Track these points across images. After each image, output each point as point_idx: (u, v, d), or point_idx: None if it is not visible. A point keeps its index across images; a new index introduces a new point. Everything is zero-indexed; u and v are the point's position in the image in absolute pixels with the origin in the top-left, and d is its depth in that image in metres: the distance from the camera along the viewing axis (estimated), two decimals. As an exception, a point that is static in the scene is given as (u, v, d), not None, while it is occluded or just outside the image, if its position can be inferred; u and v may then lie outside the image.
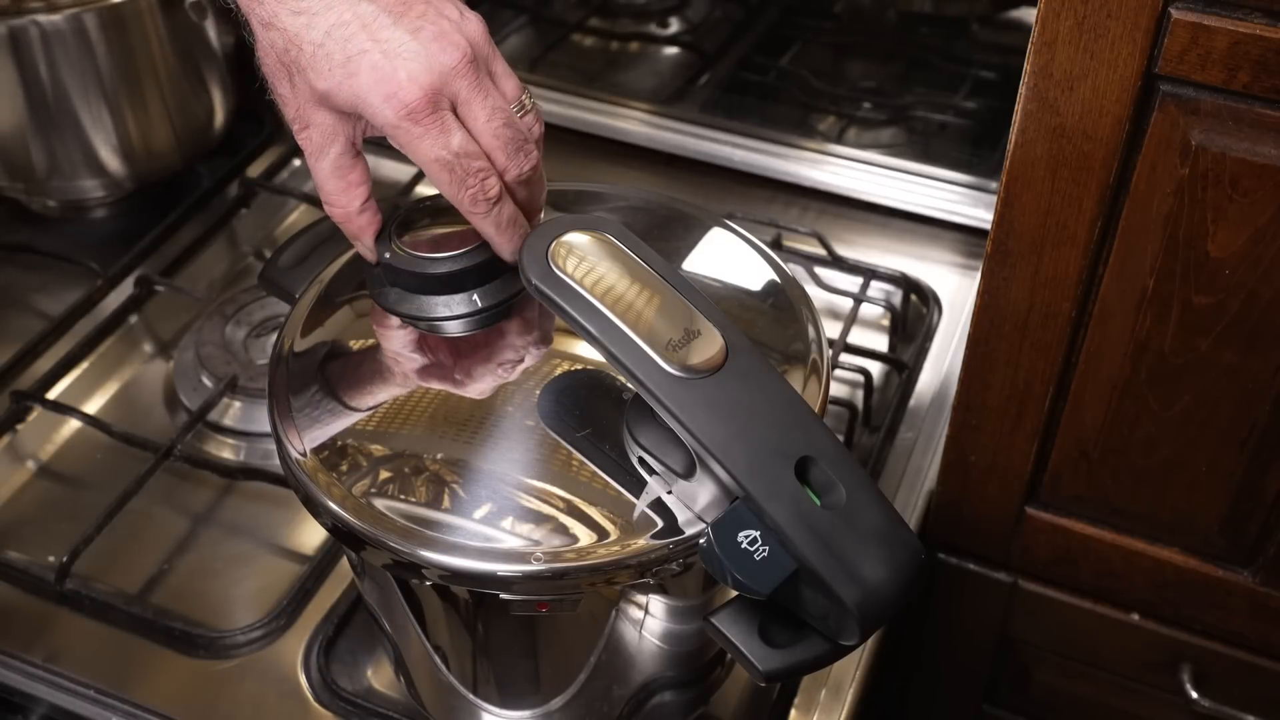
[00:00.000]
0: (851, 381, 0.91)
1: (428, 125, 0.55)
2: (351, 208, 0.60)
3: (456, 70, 0.56)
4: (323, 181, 0.60)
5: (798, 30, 1.27)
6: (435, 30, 0.56)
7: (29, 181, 1.02)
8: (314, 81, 0.56)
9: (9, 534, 0.83)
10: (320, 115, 0.58)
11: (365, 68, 0.55)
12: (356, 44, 0.55)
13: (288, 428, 0.58)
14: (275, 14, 0.56)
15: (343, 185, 0.60)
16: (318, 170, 0.60)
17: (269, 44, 0.57)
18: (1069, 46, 0.59)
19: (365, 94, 0.55)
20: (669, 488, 0.54)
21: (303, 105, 0.58)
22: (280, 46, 0.57)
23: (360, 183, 0.60)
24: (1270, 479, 0.72)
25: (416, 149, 0.56)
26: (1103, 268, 0.67)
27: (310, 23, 0.56)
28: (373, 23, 0.56)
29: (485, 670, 0.64)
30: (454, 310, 0.60)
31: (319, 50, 0.56)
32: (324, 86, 0.56)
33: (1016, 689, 0.97)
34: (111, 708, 0.73)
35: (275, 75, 0.58)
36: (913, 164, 1.07)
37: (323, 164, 0.59)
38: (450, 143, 0.56)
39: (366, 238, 0.61)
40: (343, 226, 0.61)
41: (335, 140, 0.58)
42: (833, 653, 0.51)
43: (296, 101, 0.58)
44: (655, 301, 0.54)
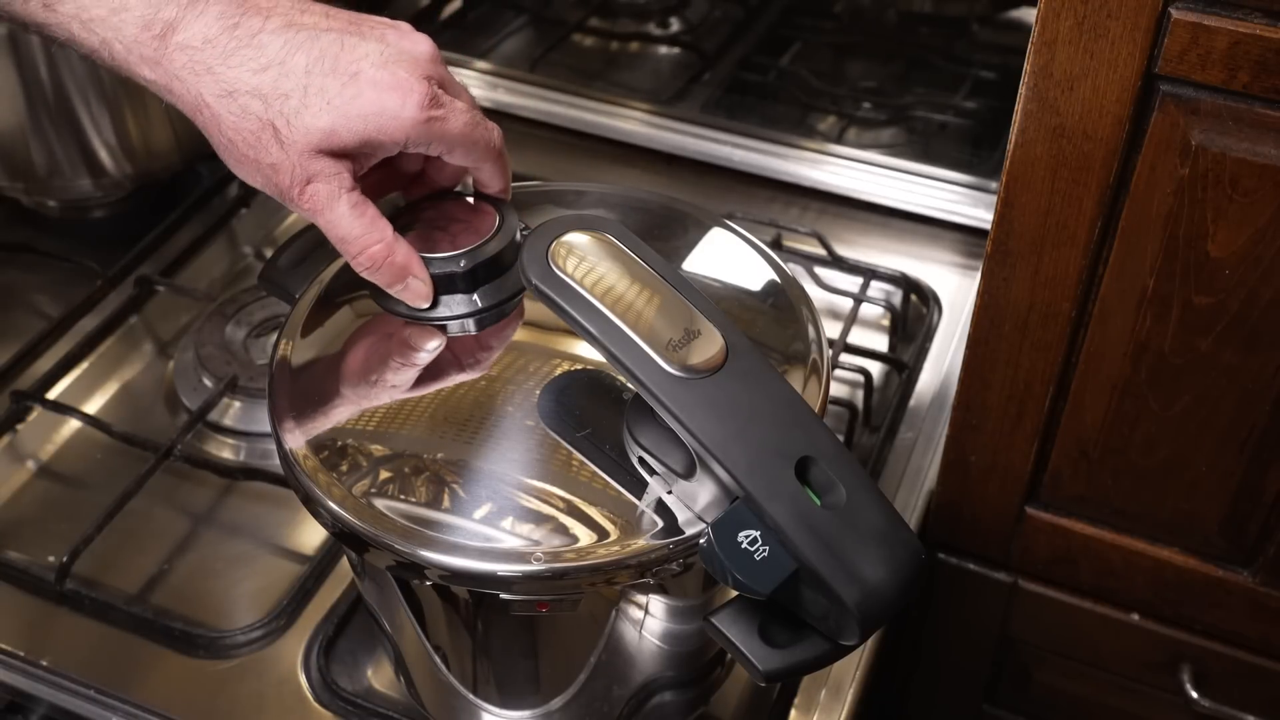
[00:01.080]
0: (851, 381, 0.91)
1: (444, 105, 0.56)
2: (388, 237, 0.57)
3: (431, 55, 0.58)
4: (347, 230, 0.57)
5: (798, 30, 1.27)
6: (394, 32, 0.58)
7: (29, 181, 1.02)
8: (312, 122, 0.54)
9: (9, 534, 0.83)
10: (320, 163, 0.56)
11: (366, 86, 0.55)
12: (344, 69, 0.55)
13: (288, 428, 0.58)
14: (235, 80, 0.54)
15: (367, 223, 0.57)
16: (337, 221, 0.57)
17: (239, 112, 0.55)
18: (1069, 46, 0.59)
19: (380, 109, 0.55)
20: (669, 488, 0.54)
21: (299, 161, 0.55)
22: (258, 108, 0.55)
23: (379, 215, 0.58)
24: (1270, 479, 0.72)
25: (447, 130, 0.56)
26: (1103, 268, 0.67)
27: (282, 72, 0.55)
28: (344, 46, 0.55)
29: (485, 670, 0.64)
30: (454, 310, 0.60)
31: (308, 90, 0.54)
32: (326, 123, 0.54)
33: (1016, 689, 0.97)
34: (111, 708, 0.73)
35: (257, 144, 0.55)
36: (913, 164, 1.08)
37: (340, 210, 0.56)
38: (460, 107, 0.57)
39: (417, 267, 0.58)
40: (387, 267, 0.57)
41: (342, 182, 0.56)
42: (833, 653, 0.51)
43: (291, 160, 0.55)
44: (655, 301, 0.54)
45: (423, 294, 0.59)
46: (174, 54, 0.55)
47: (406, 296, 0.59)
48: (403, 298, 0.59)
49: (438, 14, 1.30)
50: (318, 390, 0.59)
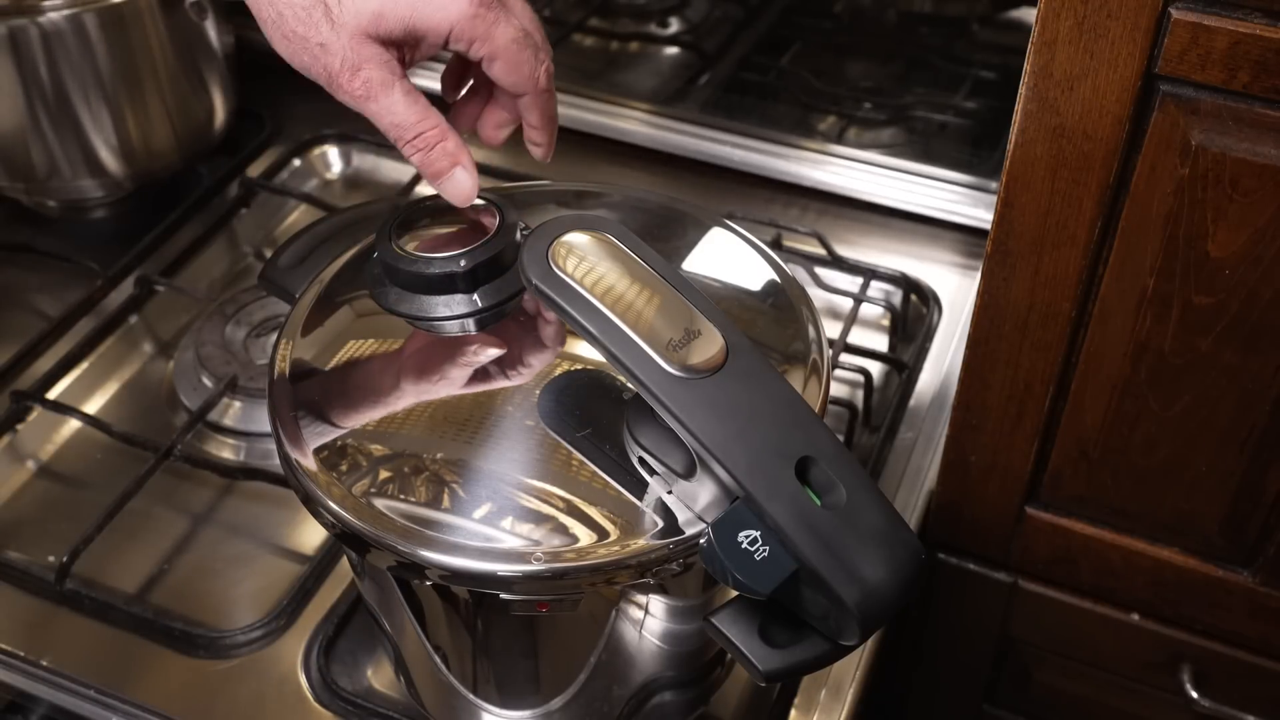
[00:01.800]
0: (851, 381, 0.91)
1: (498, 9, 0.56)
2: (443, 124, 0.57)
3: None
4: (403, 115, 0.56)
5: (798, 30, 1.27)
6: None
7: (29, 181, 1.02)
8: (363, 4, 0.53)
9: (9, 534, 0.83)
10: (370, 48, 0.55)
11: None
12: None
13: (288, 428, 0.58)
14: None
15: (422, 109, 0.57)
16: (392, 106, 0.56)
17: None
18: (1069, 46, 0.59)
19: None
20: (669, 488, 0.54)
21: (349, 44, 0.54)
22: None
23: (430, 104, 0.57)
24: (1270, 479, 0.72)
25: (495, 35, 0.55)
26: (1103, 268, 0.67)
27: None
28: None
29: (485, 670, 0.64)
30: (454, 310, 0.60)
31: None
32: (376, 4, 0.53)
33: (1016, 689, 0.97)
34: (111, 708, 0.73)
35: (309, 20, 0.54)
36: (913, 164, 1.07)
37: (395, 96, 0.56)
38: (516, 22, 0.56)
39: (466, 158, 0.58)
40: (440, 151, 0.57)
41: (394, 69, 0.56)
42: (833, 653, 0.51)
43: (341, 41, 0.54)
44: (655, 301, 0.54)
45: (467, 186, 0.58)
46: None
47: (450, 188, 0.58)
48: (445, 190, 0.58)
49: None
50: (318, 390, 0.59)
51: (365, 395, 0.59)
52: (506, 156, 1.11)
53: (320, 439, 0.57)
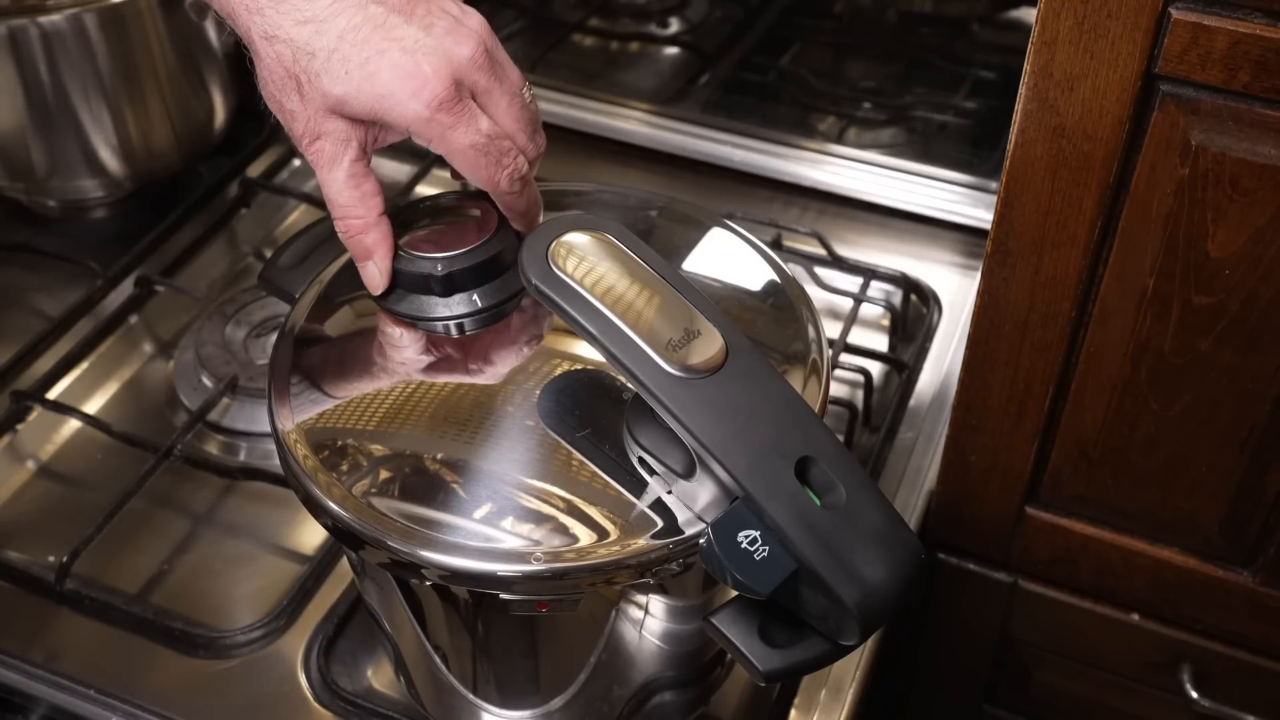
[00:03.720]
0: (851, 381, 0.91)
1: (458, 114, 0.56)
2: (370, 218, 0.58)
3: (474, 61, 0.56)
4: (337, 194, 0.58)
5: (798, 30, 1.27)
6: (446, 24, 0.57)
7: (29, 181, 1.02)
8: (329, 87, 0.55)
9: (9, 534, 0.83)
10: (333, 123, 0.57)
11: (386, 67, 0.55)
12: (374, 45, 0.55)
13: (288, 428, 0.58)
14: (278, 25, 0.56)
15: (358, 195, 0.58)
16: (331, 182, 0.58)
17: (274, 57, 0.56)
18: (1069, 46, 0.59)
19: (391, 93, 0.55)
20: (669, 488, 0.54)
21: (314, 116, 0.56)
22: (288, 57, 0.56)
23: (375, 193, 0.59)
24: (1270, 479, 0.72)
25: (450, 139, 0.56)
26: (1103, 268, 0.67)
27: (319, 30, 0.55)
28: (384, 23, 0.56)
29: (485, 670, 0.64)
30: (454, 310, 0.60)
31: (333, 55, 0.55)
32: (340, 91, 0.55)
33: (1016, 689, 0.97)
34: (111, 708, 0.73)
35: (282, 89, 0.57)
36: (913, 164, 1.07)
37: (336, 174, 0.58)
38: (481, 127, 0.56)
39: (381, 255, 0.59)
40: (356, 242, 0.59)
41: (349, 148, 0.57)
42: (833, 653, 0.51)
43: (307, 113, 0.57)
44: (655, 301, 0.54)
45: (374, 283, 0.60)
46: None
47: (362, 276, 0.60)
48: (361, 274, 0.60)
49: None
50: (318, 391, 0.59)
51: (366, 396, 0.59)
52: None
53: (320, 439, 0.57)
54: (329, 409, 0.58)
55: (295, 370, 0.60)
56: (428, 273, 0.59)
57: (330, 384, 0.60)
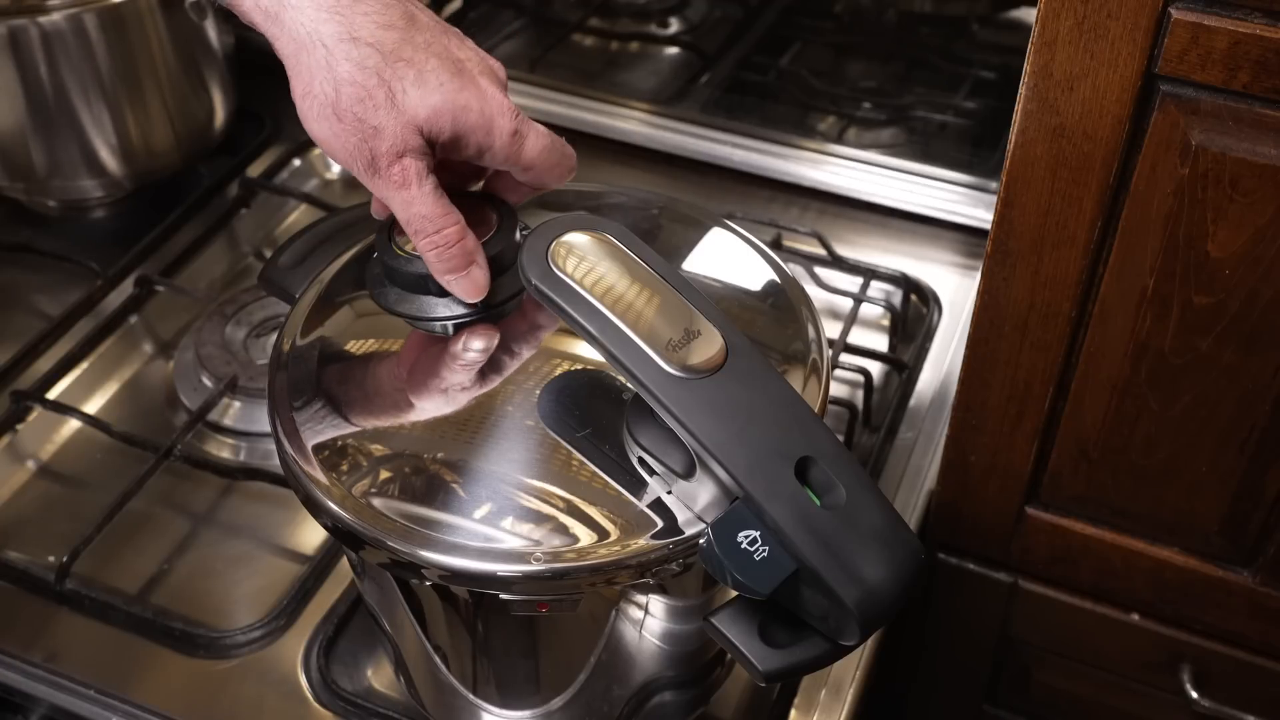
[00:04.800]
0: (851, 381, 0.91)
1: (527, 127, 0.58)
2: (462, 223, 0.57)
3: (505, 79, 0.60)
4: (429, 208, 0.56)
5: (798, 30, 1.27)
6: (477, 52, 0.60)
7: (29, 181, 1.02)
8: (426, 97, 0.54)
9: (9, 534, 0.83)
10: (417, 139, 0.55)
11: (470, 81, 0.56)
12: (454, 58, 0.56)
13: (287, 427, 0.58)
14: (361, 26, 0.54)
15: (446, 205, 0.57)
16: (422, 197, 0.56)
17: (360, 60, 0.54)
18: (1069, 46, 0.59)
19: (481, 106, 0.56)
20: (669, 488, 0.54)
21: (401, 129, 0.54)
22: (376, 63, 0.54)
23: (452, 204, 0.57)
24: (1270, 479, 0.72)
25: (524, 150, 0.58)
26: (1103, 268, 0.67)
27: (404, 38, 0.54)
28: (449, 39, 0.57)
29: (485, 670, 0.64)
30: (454, 310, 0.60)
31: (425, 65, 0.54)
32: (437, 101, 0.54)
33: (1016, 689, 0.97)
34: (111, 708, 0.73)
35: (367, 101, 0.54)
36: (913, 164, 1.07)
37: (426, 188, 0.56)
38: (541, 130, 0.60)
39: (481, 257, 0.58)
40: (459, 249, 0.57)
41: (430, 163, 0.56)
42: (833, 653, 0.51)
43: (396, 127, 0.54)
44: (655, 301, 0.54)
45: (481, 284, 0.58)
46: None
47: (464, 286, 0.58)
48: (458, 288, 0.58)
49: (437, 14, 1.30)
50: (318, 390, 0.59)
51: (365, 396, 0.59)
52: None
53: (320, 439, 0.57)
54: (330, 409, 0.58)
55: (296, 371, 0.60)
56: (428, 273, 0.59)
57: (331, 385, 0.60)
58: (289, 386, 0.60)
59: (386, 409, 0.58)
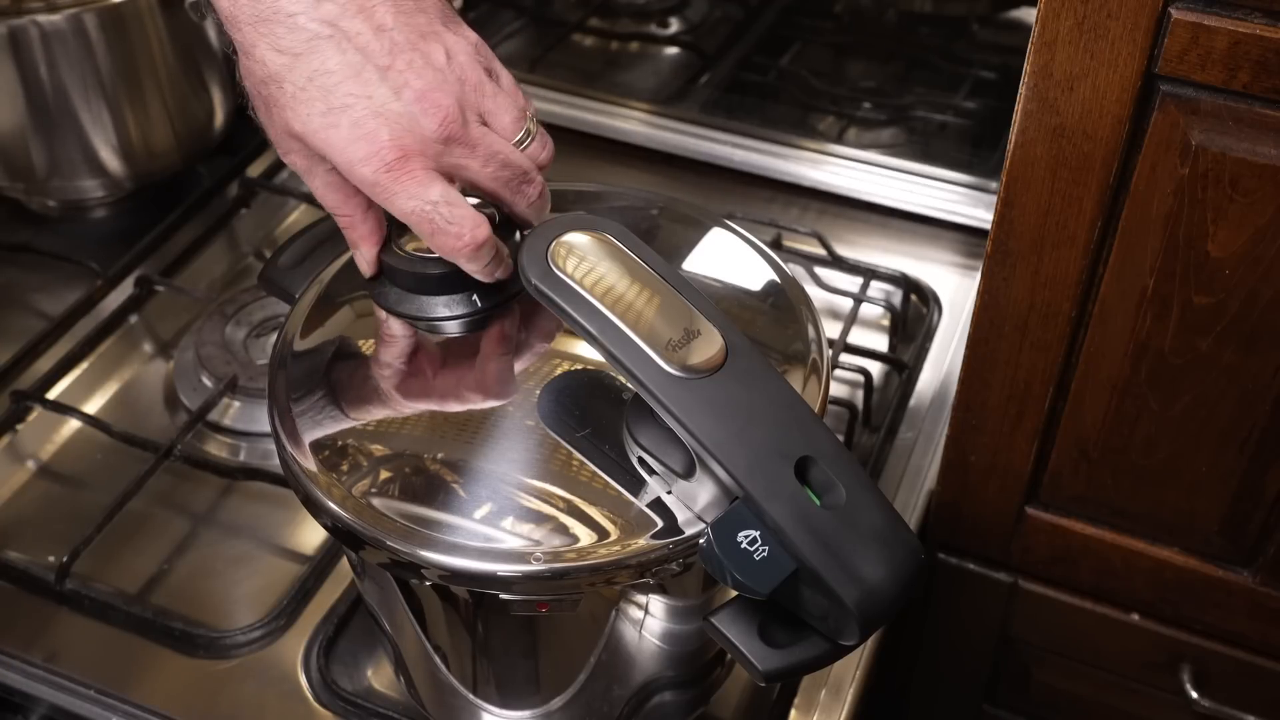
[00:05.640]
0: (851, 381, 0.91)
1: (406, 181, 0.54)
2: (356, 215, 0.59)
3: (439, 135, 0.55)
4: (322, 197, 0.60)
5: (798, 30, 1.27)
6: (420, 88, 0.55)
7: (29, 181, 1.02)
8: (290, 122, 0.55)
9: (9, 534, 0.83)
10: (296, 144, 0.57)
11: (346, 124, 0.54)
12: (340, 96, 0.54)
13: (288, 428, 0.58)
14: (254, 44, 0.55)
15: (341, 197, 0.59)
16: (313, 188, 0.60)
17: (247, 70, 0.57)
18: (1069, 46, 0.59)
19: (344, 149, 0.54)
20: (669, 488, 0.54)
21: (278, 136, 0.58)
22: (259, 77, 0.56)
23: (357, 190, 0.57)
24: (1270, 479, 0.72)
25: (393, 204, 0.55)
26: (1103, 268, 0.67)
27: (293, 64, 0.54)
28: (359, 74, 0.54)
29: (485, 670, 0.64)
30: (454, 310, 0.60)
31: (300, 93, 0.54)
32: (299, 130, 0.55)
33: (1016, 689, 0.97)
34: (111, 708, 0.73)
35: (254, 99, 0.58)
36: (913, 164, 1.07)
37: (315, 182, 0.59)
38: (430, 194, 0.54)
39: (367, 246, 0.60)
40: (346, 235, 0.61)
41: (320, 160, 0.57)
42: (833, 653, 0.51)
43: (273, 130, 0.58)
44: (655, 301, 0.54)
45: (362, 269, 0.61)
46: None
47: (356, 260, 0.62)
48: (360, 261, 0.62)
49: (438, 14, 1.30)
50: (318, 391, 0.59)
51: (365, 396, 0.59)
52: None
53: (320, 439, 0.57)
54: (330, 409, 0.58)
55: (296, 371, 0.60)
56: (428, 272, 0.59)
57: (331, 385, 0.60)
58: (289, 387, 0.60)
59: (387, 409, 0.58)
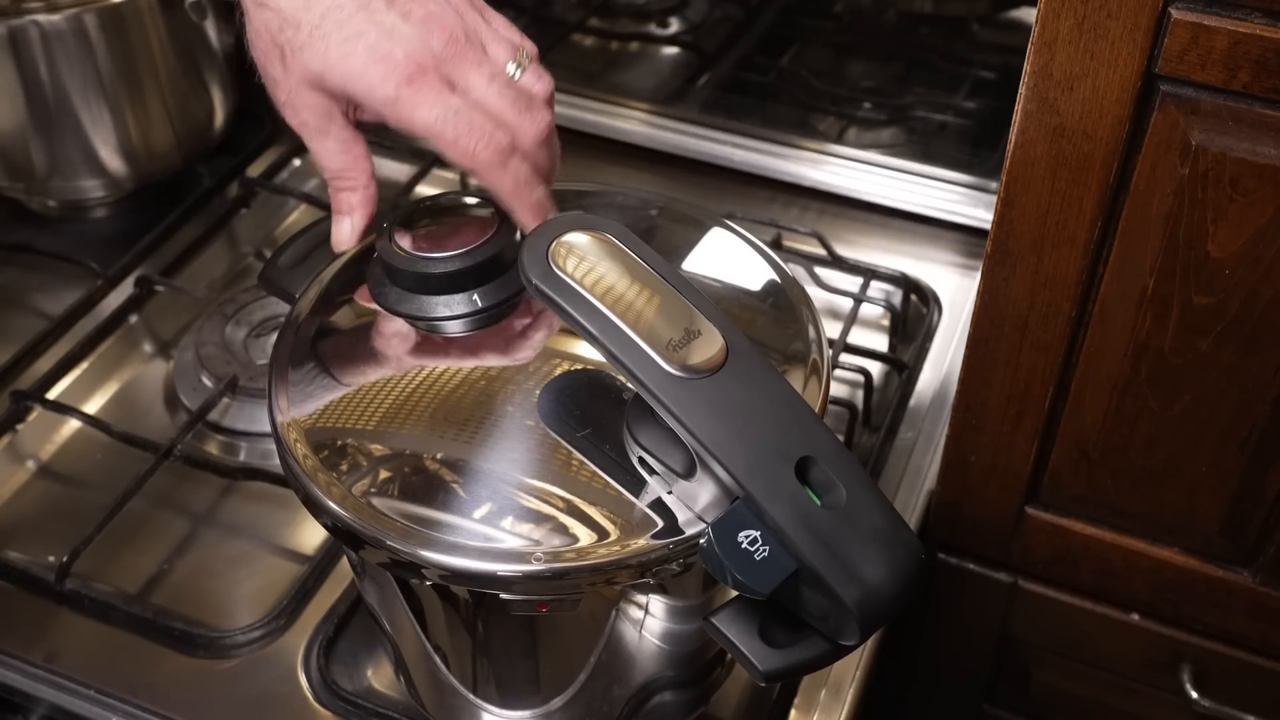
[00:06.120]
0: (851, 381, 0.91)
1: (425, 91, 0.57)
2: (361, 180, 0.61)
3: (448, 52, 0.58)
4: (330, 160, 0.61)
5: (798, 30, 1.27)
6: (424, 13, 0.58)
7: (29, 181, 1.02)
8: (308, 62, 0.58)
9: (9, 534, 0.83)
10: (313, 97, 0.59)
11: (362, 49, 0.57)
12: (353, 26, 0.57)
13: (288, 428, 0.58)
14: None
15: (350, 159, 0.61)
16: (324, 149, 0.60)
17: (262, 23, 0.58)
18: (1069, 46, 0.59)
19: (363, 72, 0.57)
20: (669, 488, 0.54)
21: (295, 87, 0.59)
22: (275, 26, 0.58)
23: (366, 155, 0.61)
24: (1270, 479, 0.72)
25: (415, 116, 0.57)
26: (1103, 268, 0.67)
27: (307, 4, 0.58)
28: (368, 5, 0.58)
29: (485, 670, 0.64)
30: (454, 310, 0.60)
31: (315, 31, 0.57)
32: (318, 67, 0.57)
33: (1016, 689, 0.97)
34: (111, 708, 0.73)
35: (268, 56, 0.59)
36: (913, 164, 1.07)
37: (327, 142, 0.60)
38: (450, 102, 0.58)
39: (360, 215, 0.62)
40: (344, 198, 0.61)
41: (333, 117, 0.60)
42: (833, 653, 0.51)
43: (288, 83, 0.59)
44: (655, 301, 0.54)
45: (344, 234, 0.63)
46: None
47: (334, 230, 0.63)
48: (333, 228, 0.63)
49: (438, 14, 1.30)
50: (318, 390, 0.59)
51: (365, 396, 0.59)
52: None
53: (320, 439, 0.57)
54: (330, 409, 0.58)
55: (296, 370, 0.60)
56: (428, 272, 0.59)
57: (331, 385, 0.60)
58: (289, 386, 0.60)
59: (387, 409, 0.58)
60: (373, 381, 0.60)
